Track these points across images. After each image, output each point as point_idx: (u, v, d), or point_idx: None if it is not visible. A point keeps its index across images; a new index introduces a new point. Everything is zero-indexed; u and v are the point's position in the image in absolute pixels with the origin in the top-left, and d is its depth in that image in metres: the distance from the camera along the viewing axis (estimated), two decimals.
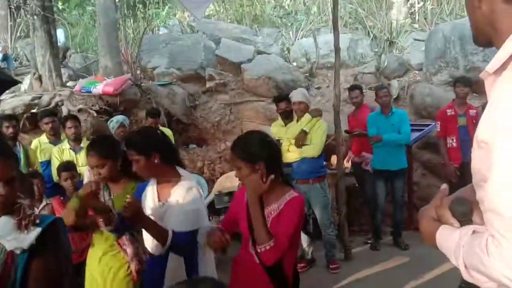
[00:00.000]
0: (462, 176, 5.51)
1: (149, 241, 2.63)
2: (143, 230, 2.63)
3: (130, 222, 2.49)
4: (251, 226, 2.28)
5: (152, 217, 2.53)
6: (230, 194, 5.58)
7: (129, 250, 2.89)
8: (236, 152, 2.31)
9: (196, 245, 2.59)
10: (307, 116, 5.06)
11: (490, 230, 1.08)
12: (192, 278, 1.18)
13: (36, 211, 3.24)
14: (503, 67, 1.11)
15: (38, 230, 1.68)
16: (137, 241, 2.87)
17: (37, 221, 1.70)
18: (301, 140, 4.99)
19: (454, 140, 5.74)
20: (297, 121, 5.14)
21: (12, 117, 5.28)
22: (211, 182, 7.05)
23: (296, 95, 5.19)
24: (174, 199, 2.54)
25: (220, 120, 8.28)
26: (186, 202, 2.52)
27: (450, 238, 1.19)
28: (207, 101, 8.48)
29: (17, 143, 5.02)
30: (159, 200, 2.62)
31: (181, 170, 2.68)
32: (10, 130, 4.98)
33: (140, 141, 2.61)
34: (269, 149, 2.34)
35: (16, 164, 1.75)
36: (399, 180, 5.76)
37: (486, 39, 1.23)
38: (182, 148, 7.81)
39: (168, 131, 6.44)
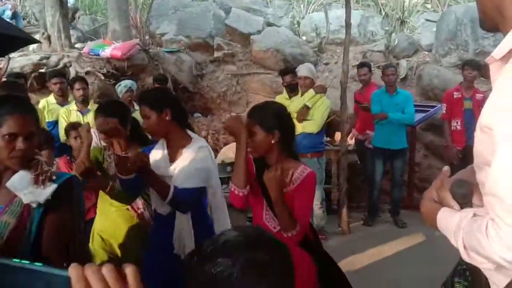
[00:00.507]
0: (464, 159, 5.56)
1: (157, 199, 2.64)
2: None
3: (139, 174, 2.46)
4: (268, 201, 2.33)
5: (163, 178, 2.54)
6: (233, 164, 5.63)
7: (146, 214, 2.96)
8: (253, 118, 2.33)
9: (203, 204, 2.64)
10: (311, 91, 5.08)
11: (490, 214, 1.12)
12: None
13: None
14: (510, 53, 1.12)
15: (54, 186, 1.75)
16: (150, 206, 2.92)
17: (54, 177, 1.76)
18: (303, 115, 5.02)
19: (459, 123, 5.77)
20: (302, 94, 5.16)
21: (20, 75, 5.30)
22: (214, 151, 7.04)
23: (302, 70, 5.20)
24: (185, 158, 2.53)
25: (226, 90, 8.28)
26: (196, 160, 2.51)
27: (450, 220, 1.22)
28: (214, 70, 8.46)
29: None
30: (170, 162, 2.61)
31: (192, 134, 2.67)
32: (22, 85, 5.00)
33: (153, 96, 2.62)
34: (286, 122, 2.39)
35: (35, 119, 1.79)
36: (399, 160, 5.82)
37: (492, 24, 1.24)
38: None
39: None
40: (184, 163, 2.52)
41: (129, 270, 0.66)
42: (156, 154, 2.65)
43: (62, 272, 0.66)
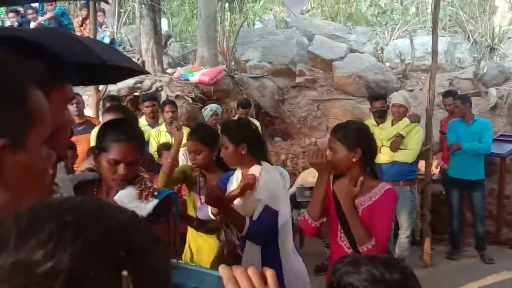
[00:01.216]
0: None
1: None
2: None
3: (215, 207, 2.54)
4: (342, 221, 2.35)
5: (235, 205, 2.61)
6: (312, 189, 5.65)
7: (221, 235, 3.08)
8: (336, 135, 2.39)
9: (274, 232, 2.62)
10: (405, 120, 5.02)
11: None
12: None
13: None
14: None
15: (155, 201, 1.91)
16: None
17: (156, 193, 1.92)
18: (397, 144, 4.97)
19: None
20: (392, 123, 5.11)
21: (115, 98, 5.69)
22: (293, 176, 7.17)
23: (397, 97, 5.16)
24: (257, 187, 2.59)
25: (306, 115, 8.36)
26: (265, 186, 2.56)
27: None
28: (295, 96, 8.59)
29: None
30: None
31: (265, 164, 2.71)
32: (129, 107, 5.39)
33: (234, 129, 2.74)
34: (369, 141, 2.42)
35: (140, 146, 1.96)
36: (476, 191, 5.59)
37: None
38: (268, 141, 8.00)
39: (256, 123, 6.66)
40: (256, 190, 2.57)
41: (269, 273, 0.76)
42: (233, 181, 2.76)
43: (214, 272, 0.76)
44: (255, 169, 2.63)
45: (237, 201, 2.62)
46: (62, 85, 1.12)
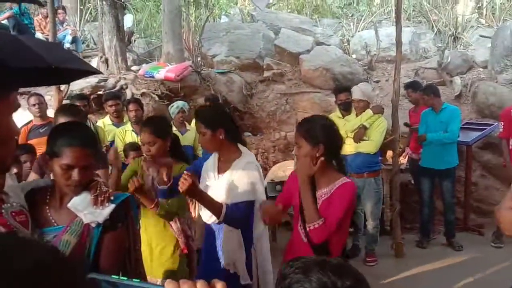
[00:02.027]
0: None
1: (204, 211, 2.77)
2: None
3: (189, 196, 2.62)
4: (302, 206, 2.40)
5: (210, 188, 2.66)
6: (283, 183, 5.65)
7: (174, 225, 3.07)
8: (300, 131, 2.43)
9: (251, 218, 2.70)
10: (368, 111, 5.05)
11: None
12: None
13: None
14: None
15: (112, 206, 1.83)
16: (183, 221, 3.05)
17: (112, 197, 1.84)
18: (360, 135, 4.99)
19: None
20: (357, 115, 5.13)
21: (83, 97, 5.54)
22: (264, 170, 7.13)
23: (356, 93, 5.16)
24: (232, 171, 2.68)
25: (275, 109, 8.33)
26: (243, 175, 2.65)
27: None
28: (263, 90, 8.55)
29: (88, 121, 5.28)
30: (218, 173, 2.77)
31: (242, 148, 2.81)
32: (81, 109, 5.23)
33: (209, 115, 2.77)
34: (332, 136, 2.44)
35: (94, 151, 1.88)
36: (446, 180, 5.66)
37: None
38: None
39: None
40: (232, 177, 2.66)
41: (219, 286, 0.72)
42: (208, 165, 2.84)
43: None
44: (245, 159, 2.70)
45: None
46: (6, 95, 1.06)
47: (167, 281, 0.72)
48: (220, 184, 2.71)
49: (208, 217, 2.75)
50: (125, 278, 0.72)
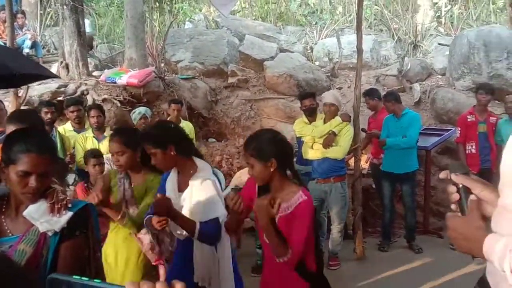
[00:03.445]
0: None
1: (175, 227, 2.74)
2: None
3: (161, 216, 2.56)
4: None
5: (174, 206, 2.62)
6: None
7: (145, 241, 3.01)
8: (248, 150, 2.39)
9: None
10: (337, 118, 5.13)
11: None
12: None
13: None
14: None
15: (69, 214, 1.79)
16: (153, 234, 3.00)
17: (69, 205, 1.80)
18: (330, 141, 5.07)
19: (474, 146, 5.74)
20: (324, 121, 5.20)
21: (51, 103, 5.43)
22: (228, 176, 7.14)
23: (328, 97, 5.25)
24: (190, 190, 2.65)
25: (240, 115, 8.36)
26: (202, 194, 2.62)
27: (496, 244, 1.17)
28: (228, 96, 8.57)
29: (54, 129, 5.17)
30: (179, 191, 2.74)
31: (198, 161, 2.75)
32: (49, 115, 5.11)
33: (155, 134, 2.71)
34: (281, 147, 2.42)
35: (52, 157, 1.83)
36: (406, 184, 5.80)
37: None
38: (202, 142, 7.92)
39: (189, 125, 6.57)
40: (192, 197, 2.64)
41: (179, 286, 0.73)
42: (169, 182, 2.79)
43: None
44: (200, 176, 2.66)
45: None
46: None
47: (128, 282, 0.72)
48: (181, 202, 2.69)
49: (176, 230, 2.74)
50: (87, 279, 0.72)
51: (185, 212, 2.65)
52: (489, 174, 5.63)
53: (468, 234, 1.27)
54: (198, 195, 2.62)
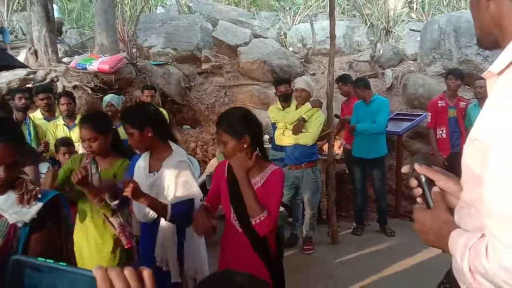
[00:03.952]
0: (450, 166, 5.64)
1: (139, 210, 2.76)
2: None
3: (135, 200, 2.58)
4: (234, 201, 2.44)
5: (142, 187, 2.61)
6: None
7: (115, 223, 3.01)
8: (222, 127, 2.42)
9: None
10: (307, 105, 5.14)
11: (487, 234, 1.08)
12: (226, 270, 1.37)
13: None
14: (507, 68, 1.10)
15: (39, 204, 1.76)
16: (122, 216, 3.01)
17: (39, 195, 1.77)
18: (299, 127, 5.09)
19: (444, 131, 5.85)
20: (296, 108, 5.22)
21: (24, 90, 5.32)
22: (203, 163, 7.13)
23: (300, 83, 5.25)
24: (164, 170, 2.69)
25: (214, 102, 8.32)
26: (175, 174, 2.66)
27: (459, 241, 1.17)
28: (202, 82, 8.51)
29: (27, 117, 5.05)
30: (149, 171, 2.77)
31: (173, 146, 2.81)
32: (23, 101, 5.00)
33: (135, 115, 2.76)
34: (253, 124, 2.47)
35: (20, 146, 1.79)
36: (376, 169, 5.89)
37: (491, 40, 1.21)
38: (176, 129, 7.86)
39: (162, 111, 6.49)
40: (164, 176, 2.68)
41: (146, 273, 0.74)
42: (139, 163, 2.83)
43: (87, 272, 0.71)
44: (175, 158, 2.71)
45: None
46: None
47: (96, 266, 0.72)
48: (152, 182, 2.72)
49: (141, 216, 2.75)
50: (52, 261, 0.71)
51: (156, 192, 2.67)
52: (459, 158, 5.72)
53: (435, 228, 1.26)
54: (172, 176, 2.66)
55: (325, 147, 6.04)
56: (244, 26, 9.56)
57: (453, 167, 5.44)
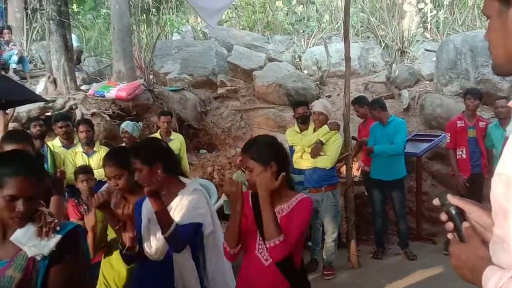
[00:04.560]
0: (471, 187, 5.54)
1: (151, 246, 2.65)
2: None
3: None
4: (259, 223, 2.33)
5: (153, 221, 2.56)
6: None
7: None
8: (249, 153, 2.36)
9: (197, 240, 2.65)
10: (325, 127, 5.14)
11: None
12: None
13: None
14: None
15: (58, 237, 1.75)
16: None
17: (58, 228, 1.77)
18: (317, 150, 5.07)
19: (464, 152, 5.75)
20: (314, 130, 5.20)
21: (39, 118, 5.41)
22: (220, 187, 7.11)
23: (317, 106, 5.28)
24: (180, 200, 2.61)
25: (230, 126, 8.34)
26: (189, 200, 2.60)
27: (492, 279, 1.13)
28: (218, 107, 8.56)
29: (44, 144, 5.12)
30: None
31: (185, 180, 2.75)
32: (38, 128, 5.09)
33: (145, 150, 2.68)
34: (280, 152, 2.42)
35: (39, 179, 1.79)
36: (395, 191, 5.81)
37: (507, 70, 1.18)
38: (193, 153, 7.89)
39: (179, 137, 6.53)
40: (180, 205, 2.60)
41: None
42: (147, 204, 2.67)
43: None
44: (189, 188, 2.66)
45: None
46: None
47: None
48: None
49: (149, 249, 2.64)
50: None
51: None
52: (479, 179, 5.67)
53: (470, 263, 1.22)
54: (185, 201, 2.60)
55: (343, 169, 5.98)
56: (259, 50, 9.63)
57: (474, 188, 5.33)
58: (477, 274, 1.17)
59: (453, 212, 1.26)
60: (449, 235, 1.29)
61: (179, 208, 2.60)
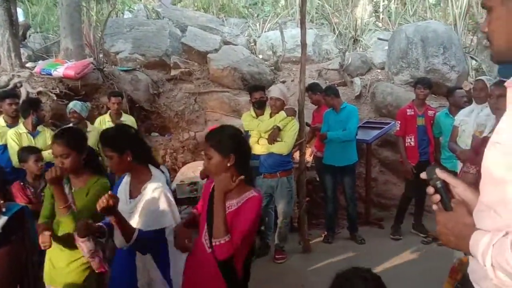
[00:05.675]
0: (418, 174, 5.71)
1: (116, 235, 2.66)
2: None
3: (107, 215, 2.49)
4: (210, 219, 2.36)
5: (122, 213, 2.54)
6: (192, 184, 5.58)
7: (85, 247, 2.84)
8: (211, 141, 2.40)
9: (162, 243, 2.68)
10: (282, 113, 5.14)
11: None
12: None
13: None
14: None
15: (4, 218, 1.67)
16: (93, 239, 2.84)
17: (3, 209, 1.68)
18: (274, 136, 5.07)
19: (412, 139, 5.92)
20: (271, 116, 5.19)
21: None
22: (173, 171, 7.02)
23: (275, 91, 5.25)
24: (141, 198, 2.65)
25: (184, 109, 8.21)
26: (151, 202, 2.62)
27: (482, 239, 1.21)
28: (171, 89, 8.38)
29: None
30: (130, 197, 2.73)
31: (153, 170, 2.77)
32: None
33: (115, 137, 2.70)
34: (242, 146, 2.45)
35: None
36: (347, 176, 5.95)
37: (506, 58, 1.23)
38: (144, 136, 7.72)
39: (130, 118, 6.38)
40: (141, 204, 2.64)
41: None
42: (121, 187, 2.79)
43: None
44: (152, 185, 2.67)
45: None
46: None
47: None
48: (130, 208, 2.67)
49: (119, 241, 2.65)
50: None
51: (133, 218, 2.62)
52: (426, 167, 5.85)
53: (457, 230, 1.31)
54: (147, 203, 2.62)
55: (296, 155, 6.03)
56: (214, 32, 9.49)
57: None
58: (463, 239, 1.27)
59: (439, 185, 1.37)
60: (434, 206, 1.39)
61: (141, 208, 2.64)
